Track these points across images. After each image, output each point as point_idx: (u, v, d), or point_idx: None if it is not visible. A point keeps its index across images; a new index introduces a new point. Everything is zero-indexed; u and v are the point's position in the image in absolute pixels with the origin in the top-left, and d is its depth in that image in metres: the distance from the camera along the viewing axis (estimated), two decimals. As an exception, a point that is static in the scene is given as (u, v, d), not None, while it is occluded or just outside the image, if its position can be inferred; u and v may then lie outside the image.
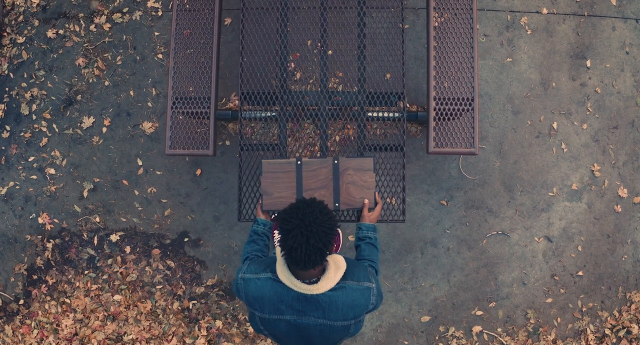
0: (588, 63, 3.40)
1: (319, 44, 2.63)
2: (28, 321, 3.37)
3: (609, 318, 3.32)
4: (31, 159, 3.45)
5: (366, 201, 2.24)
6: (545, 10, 3.41)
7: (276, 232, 2.52)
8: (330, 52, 3.29)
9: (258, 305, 1.85)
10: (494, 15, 3.41)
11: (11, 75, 3.51)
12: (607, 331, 3.30)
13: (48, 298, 3.38)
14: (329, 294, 1.78)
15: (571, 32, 3.42)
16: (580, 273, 3.33)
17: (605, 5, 3.44)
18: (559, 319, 3.31)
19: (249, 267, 1.89)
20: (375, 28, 3.28)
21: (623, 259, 3.35)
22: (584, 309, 3.32)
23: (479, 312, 3.29)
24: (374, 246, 2.14)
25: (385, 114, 2.77)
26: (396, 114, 2.76)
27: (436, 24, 2.82)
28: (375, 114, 2.79)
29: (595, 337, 3.30)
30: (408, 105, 3.31)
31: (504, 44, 3.39)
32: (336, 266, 1.80)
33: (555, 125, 3.36)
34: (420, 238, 3.30)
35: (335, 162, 2.30)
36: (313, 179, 2.29)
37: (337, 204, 2.29)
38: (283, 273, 1.78)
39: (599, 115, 3.39)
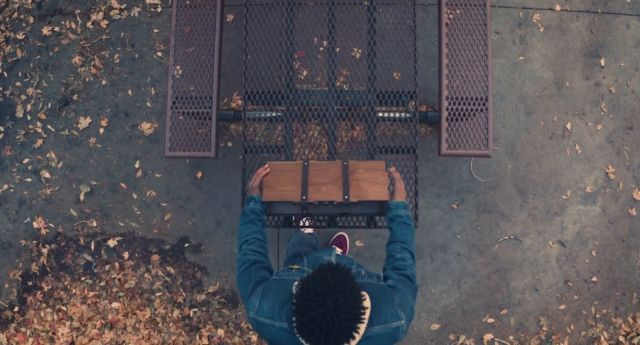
0: (602, 62, 3.30)
1: (325, 42, 2.52)
2: (23, 329, 3.28)
3: (623, 325, 3.23)
4: (26, 161, 3.35)
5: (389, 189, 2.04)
6: (558, 7, 3.31)
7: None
8: (337, 49, 3.18)
9: None
10: (505, 12, 3.30)
11: (5, 74, 3.40)
12: (621, 338, 3.21)
13: (44, 305, 3.29)
14: None
15: (585, 30, 3.31)
16: (594, 279, 3.23)
17: (619, 2, 3.34)
18: (572, 326, 3.21)
19: (261, 305, 1.66)
20: (384, 25, 3.16)
21: (638, 263, 3.26)
22: (597, 316, 3.22)
23: (491, 320, 3.19)
24: (406, 224, 1.96)
25: (396, 114, 2.66)
26: (407, 114, 2.65)
27: (448, 20, 2.71)
28: (385, 115, 2.68)
29: (609, 344, 3.21)
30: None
31: (516, 42, 3.29)
32: None
33: (569, 126, 3.26)
34: (429, 243, 3.20)
35: (345, 163, 2.18)
36: (321, 176, 2.17)
37: (346, 197, 2.15)
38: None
39: (614, 115, 3.29)
